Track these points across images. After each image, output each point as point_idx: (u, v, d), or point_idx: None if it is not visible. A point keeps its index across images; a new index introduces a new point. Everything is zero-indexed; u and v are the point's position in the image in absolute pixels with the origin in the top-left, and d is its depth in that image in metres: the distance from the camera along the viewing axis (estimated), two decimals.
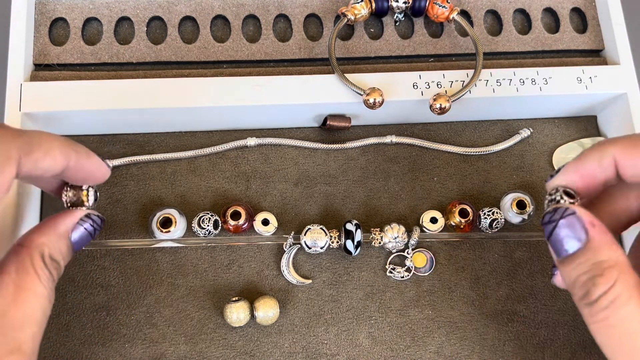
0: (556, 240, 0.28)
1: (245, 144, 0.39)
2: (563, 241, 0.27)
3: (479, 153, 0.40)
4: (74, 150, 0.28)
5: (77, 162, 0.29)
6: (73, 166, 0.28)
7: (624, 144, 0.28)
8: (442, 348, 0.36)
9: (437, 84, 0.38)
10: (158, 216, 0.36)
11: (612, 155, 0.28)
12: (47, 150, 0.27)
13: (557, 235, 0.28)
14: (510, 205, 0.37)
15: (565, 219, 0.27)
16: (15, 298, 0.26)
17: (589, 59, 0.41)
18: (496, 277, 0.38)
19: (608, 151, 0.28)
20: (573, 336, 0.37)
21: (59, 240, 0.29)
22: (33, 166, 0.26)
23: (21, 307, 0.26)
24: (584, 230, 0.27)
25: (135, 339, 0.35)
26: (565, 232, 0.27)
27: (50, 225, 0.29)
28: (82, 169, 0.29)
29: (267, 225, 0.37)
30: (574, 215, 0.27)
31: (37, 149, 0.27)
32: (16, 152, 0.25)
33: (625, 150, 0.28)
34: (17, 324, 0.26)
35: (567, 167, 0.29)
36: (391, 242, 0.36)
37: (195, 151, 0.38)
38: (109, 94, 0.36)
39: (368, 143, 0.39)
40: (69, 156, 0.28)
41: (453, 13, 0.39)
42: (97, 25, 0.40)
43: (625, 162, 0.28)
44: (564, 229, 0.27)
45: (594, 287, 0.26)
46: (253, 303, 0.35)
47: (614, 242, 0.27)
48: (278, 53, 0.40)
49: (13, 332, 0.25)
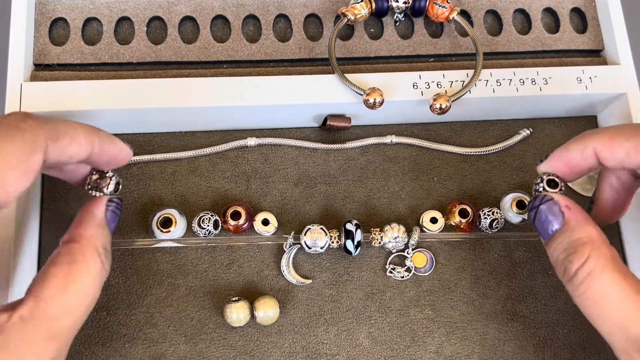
0: (539, 224, 0.31)
1: (245, 144, 0.39)
2: (544, 224, 0.31)
3: (478, 153, 0.40)
4: (98, 136, 0.30)
5: (101, 147, 0.30)
6: (97, 151, 0.30)
7: (604, 136, 0.30)
8: (442, 348, 0.36)
9: (437, 84, 0.38)
10: (158, 216, 0.36)
11: (593, 147, 0.30)
12: (72, 137, 0.28)
13: (539, 220, 0.31)
14: (510, 205, 0.37)
15: (545, 205, 0.31)
16: (62, 289, 0.27)
17: (589, 59, 0.41)
18: (496, 277, 0.38)
19: (589, 143, 0.30)
20: (573, 336, 0.37)
21: (102, 229, 0.30)
22: (60, 153, 0.27)
23: (65, 299, 0.27)
24: (561, 213, 0.30)
25: (136, 339, 0.35)
26: (545, 216, 0.31)
27: (89, 217, 0.30)
28: (106, 153, 0.30)
29: (267, 225, 0.37)
30: (551, 201, 0.31)
31: (62, 136, 0.27)
32: (43, 140, 0.26)
33: (605, 142, 0.30)
34: (59, 314, 0.26)
35: (553, 154, 0.32)
36: (391, 242, 0.36)
37: (195, 151, 0.38)
38: (109, 94, 0.36)
39: (368, 143, 0.39)
40: (93, 142, 0.29)
41: (453, 13, 0.39)
42: (97, 25, 0.40)
43: (605, 153, 0.30)
44: (543, 213, 0.31)
45: (570, 263, 0.29)
46: (253, 303, 0.35)
47: (588, 222, 0.30)
48: (278, 53, 0.40)
49: (53, 320, 0.26)
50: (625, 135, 0.30)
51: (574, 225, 0.30)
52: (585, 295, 0.28)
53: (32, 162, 0.26)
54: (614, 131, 0.30)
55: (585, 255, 0.28)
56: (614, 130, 0.30)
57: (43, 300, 0.26)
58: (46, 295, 0.26)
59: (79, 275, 0.28)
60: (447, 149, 0.40)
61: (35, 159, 0.26)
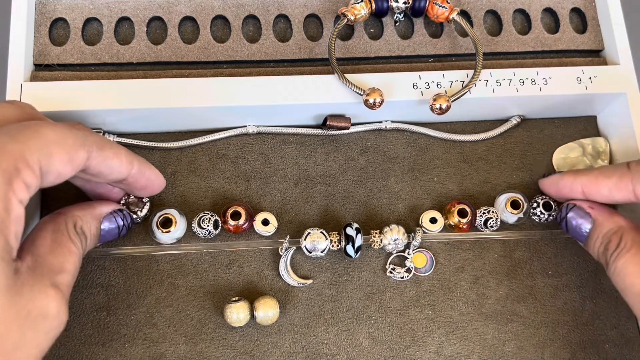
0: (572, 230, 0.35)
1: (245, 131, 0.39)
2: (577, 229, 0.35)
3: (468, 140, 0.40)
4: (137, 158, 0.32)
5: (140, 169, 0.32)
6: (135, 173, 0.32)
7: (589, 180, 0.34)
8: (442, 348, 0.36)
9: (437, 84, 0.38)
10: (158, 216, 0.36)
11: (581, 185, 0.34)
12: (116, 152, 0.30)
13: (571, 227, 0.35)
14: (504, 205, 0.37)
15: (571, 212, 0.35)
16: (52, 249, 0.29)
17: (588, 59, 0.41)
18: (496, 277, 0.38)
19: (577, 182, 0.35)
20: (573, 336, 0.37)
21: (92, 219, 0.33)
22: (102, 162, 0.29)
23: (57, 257, 0.29)
24: (587, 214, 0.34)
25: (136, 339, 0.35)
26: (575, 222, 0.35)
27: (88, 205, 0.33)
28: (144, 176, 0.33)
29: (267, 225, 0.37)
30: (575, 207, 0.35)
31: (108, 148, 0.30)
32: (91, 143, 0.29)
33: (589, 185, 0.34)
34: (55, 269, 0.28)
35: (550, 180, 0.37)
36: (391, 244, 0.36)
37: (188, 141, 0.39)
38: (109, 94, 0.36)
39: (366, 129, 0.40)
40: (133, 162, 0.32)
41: (453, 13, 0.39)
42: (97, 26, 0.40)
43: (590, 192, 0.34)
44: (573, 220, 0.35)
45: (607, 251, 0.33)
46: (253, 303, 0.35)
47: (613, 213, 0.34)
48: (278, 53, 0.40)
49: (52, 273, 0.28)
50: (605, 174, 0.34)
51: (602, 220, 0.34)
52: (615, 271, 0.32)
53: (79, 154, 0.28)
54: (596, 177, 0.34)
55: (617, 241, 0.32)
56: (597, 175, 0.34)
57: (39, 256, 0.28)
58: (40, 253, 0.28)
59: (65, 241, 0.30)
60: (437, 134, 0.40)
61: (81, 153, 0.28)
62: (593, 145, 0.40)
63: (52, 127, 0.27)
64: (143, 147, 0.38)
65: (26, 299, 0.26)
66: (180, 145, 0.39)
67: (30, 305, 0.26)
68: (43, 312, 0.26)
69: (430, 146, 0.40)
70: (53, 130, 0.27)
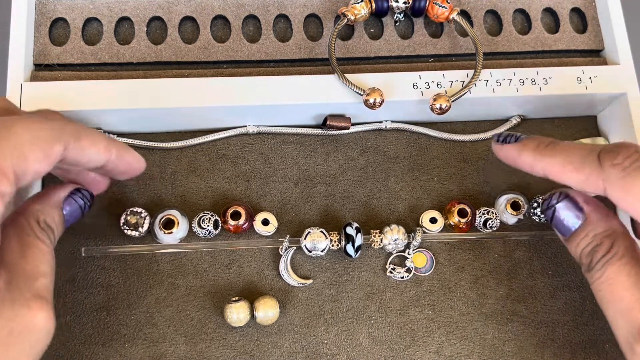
0: (558, 221, 0.32)
1: (245, 131, 0.39)
2: (564, 221, 0.31)
3: (468, 140, 0.40)
4: (115, 144, 0.31)
5: (119, 154, 0.31)
6: (114, 159, 0.31)
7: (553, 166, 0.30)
8: (442, 348, 0.36)
9: (437, 84, 0.38)
10: (160, 217, 0.36)
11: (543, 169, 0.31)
12: (93, 140, 0.29)
13: (558, 218, 0.32)
14: (504, 206, 0.37)
15: (563, 202, 0.32)
16: (22, 254, 0.27)
17: (588, 59, 0.41)
18: (496, 277, 0.38)
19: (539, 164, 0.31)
20: (573, 336, 0.37)
21: (53, 209, 0.31)
22: (80, 152, 0.29)
23: (30, 261, 0.27)
24: (580, 209, 0.31)
25: (136, 339, 0.35)
26: (565, 213, 0.31)
27: (44, 195, 0.31)
28: (123, 161, 0.32)
29: (267, 225, 0.37)
30: (568, 198, 0.32)
31: (85, 137, 0.29)
32: (67, 135, 0.28)
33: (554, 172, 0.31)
34: (31, 276, 0.27)
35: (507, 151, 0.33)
36: (391, 244, 0.36)
37: (188, 141, 0.38)
38: (109, 94, 0.36)
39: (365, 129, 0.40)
40: (111, 149, 0.30)
41: (453, 13, 0.39)
42: (97, 26, 0.40)
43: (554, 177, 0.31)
44: (562, 210, 0.31)
45: (595, 254, 0.30)
46: (253, 303, 0.35)
47: (609, 214, 0.31)
48: (278, 53, 0.40)
49: (29, 281, 0.27)
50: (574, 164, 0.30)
51: (595, 219, 0.31)
52: (600, 279, 0.29)
53: (54, 149, 0.27)
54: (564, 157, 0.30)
55: (608, 245, 0.30)
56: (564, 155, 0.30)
57: (11, 266, 0.27)
58: (11, 262, 0.27)
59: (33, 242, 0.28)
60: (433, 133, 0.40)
61: (57, 148, 0.27)
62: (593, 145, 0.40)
63: (24, 124, 0.26)
64: (143, 147, 0.38)
65: (6, 318, 0.25)
66: (180, 145, 0.39)
67: (13, 324, 0.25)
68: (28, 327, 0.25)
69: (430, 146, 0.40)
70: (26, 127, 0.26)
